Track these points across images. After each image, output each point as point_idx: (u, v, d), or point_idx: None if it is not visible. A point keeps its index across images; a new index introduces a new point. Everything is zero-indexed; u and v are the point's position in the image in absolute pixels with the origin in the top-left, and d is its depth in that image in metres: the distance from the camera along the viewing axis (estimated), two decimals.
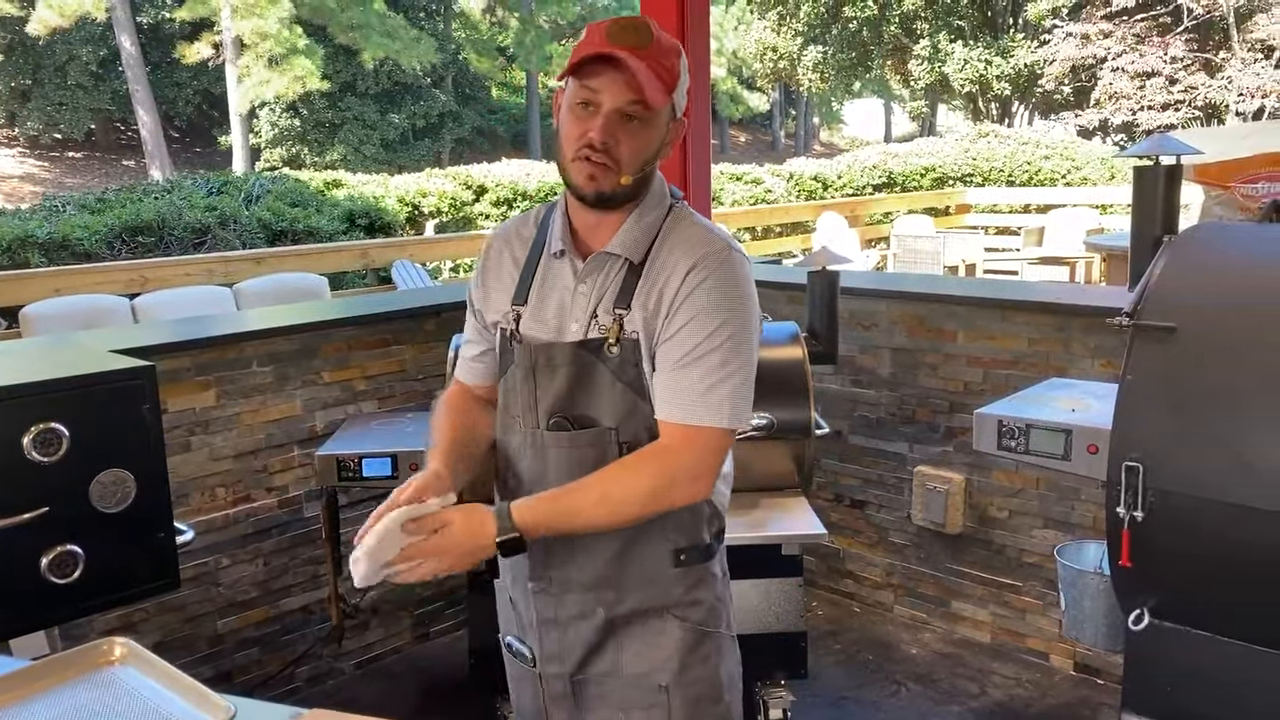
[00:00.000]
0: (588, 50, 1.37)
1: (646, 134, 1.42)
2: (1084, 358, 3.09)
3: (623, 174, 1.41)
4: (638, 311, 1.45)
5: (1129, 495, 1.91)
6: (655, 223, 1.48)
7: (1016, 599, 3.35)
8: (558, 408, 1.48)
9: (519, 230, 1.60)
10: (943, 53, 19.02)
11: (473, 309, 1.63)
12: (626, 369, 1.45)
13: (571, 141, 1.41)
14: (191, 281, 6.04)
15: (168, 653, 2.86)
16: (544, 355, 1.48)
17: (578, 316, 1.48)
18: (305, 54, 20.64)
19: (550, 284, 1.52)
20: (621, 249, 1.47)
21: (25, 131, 22.34)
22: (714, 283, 1.42)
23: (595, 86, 1.38)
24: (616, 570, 1.52)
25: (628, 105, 1.38)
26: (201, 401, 2.91)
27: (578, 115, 1.40)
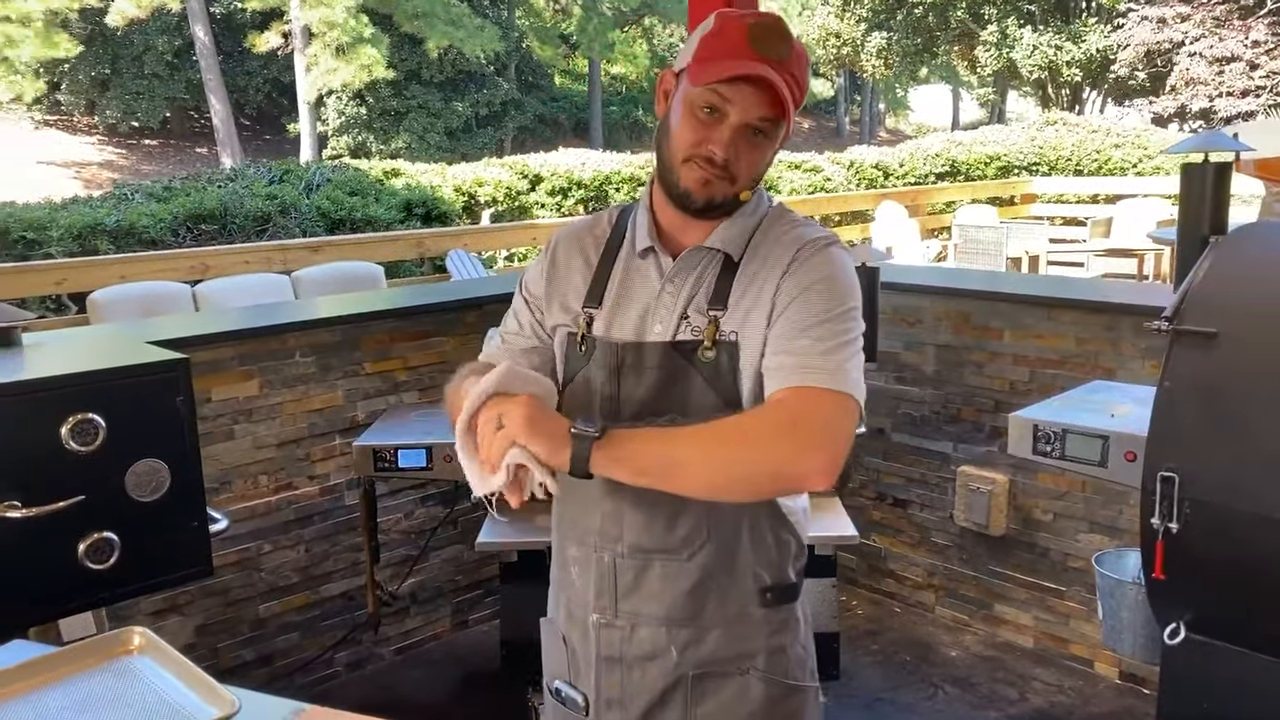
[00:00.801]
0: (730, 59, 1.25)
1: (768, 147, 1.32)
2: (1134, 359, 3.00)
3: (738, 187, 1.31)
4: (735, 311, 1.32)
5: (1164, 505, 1.85)
6: (754, 223, 1.38)
7: (1060, 604, 3.27)
8: (643, 412, 1.34)
9: (591, 229, 1.48)
10: (1011, 38, 18.57)
11: (529, 306, 1.49)
12: (722, 376, 1.32)
13: (686, 146, 1.30)
14: (251, 269, 6.16)
15: (211, 635, 2.97)
16: (632, 354, 1.35)
17: (663, 318, 1.36)
18: (371, 43, 20.92)
19: (632, 284, 1.40)
20: (721, 244, 1.35)
21: (104, 120, 23.04)
22: (821, 268, 1.30)
23: (728, 95, 1.26)
24: (696, 604, 1.37)
25: (759, 120, 1.27)
26: (245, 391, 2.97)
27: (700, 119, 1.28)
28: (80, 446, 1.94)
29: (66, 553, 1.94)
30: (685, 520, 1.36)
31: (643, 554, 1.39)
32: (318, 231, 7.43)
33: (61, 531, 1.93)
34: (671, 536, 1.37)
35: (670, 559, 1.37)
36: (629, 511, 1.38)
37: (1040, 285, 4.16)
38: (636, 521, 1.38)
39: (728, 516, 1.37)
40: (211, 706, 1.32)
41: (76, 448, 1.93)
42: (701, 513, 1.35)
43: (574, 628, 1.47)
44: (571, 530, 1.47)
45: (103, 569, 1.99)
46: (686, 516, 1.36)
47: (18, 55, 19.60)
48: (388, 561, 3.28)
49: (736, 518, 1.37)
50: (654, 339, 1.35)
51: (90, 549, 1.97)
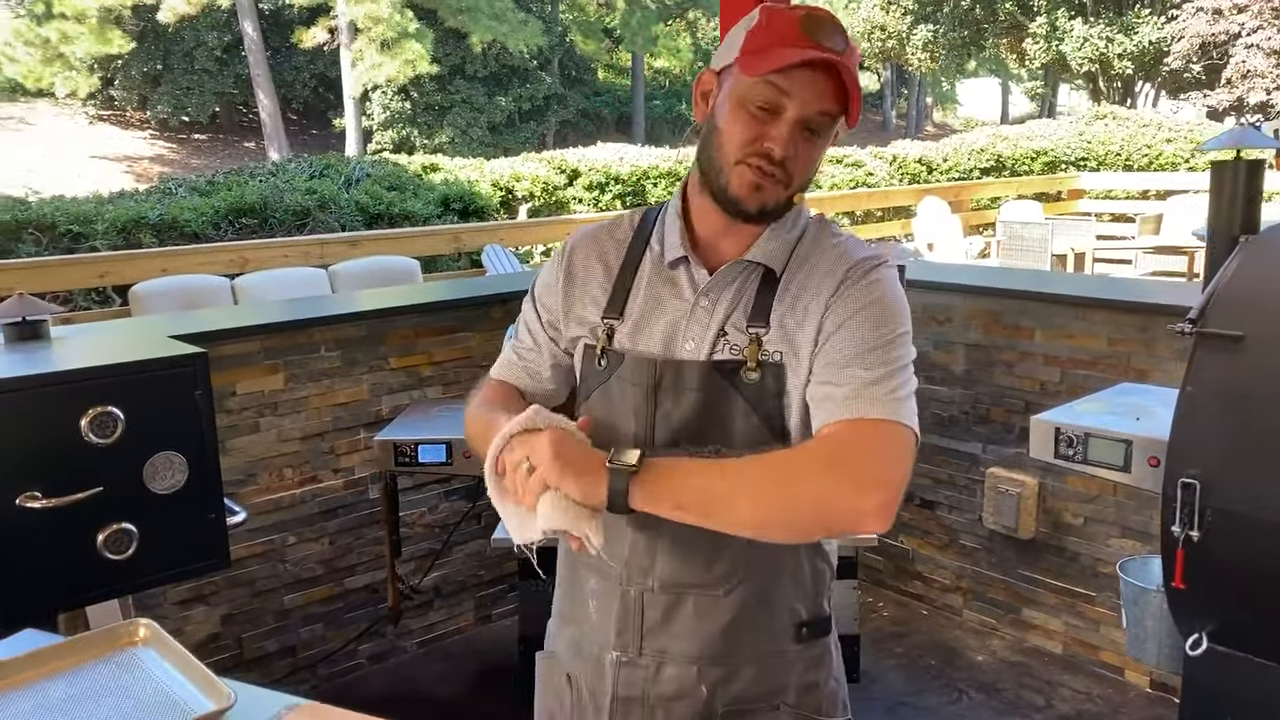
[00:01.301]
0: (786, 48, 1.16)
1: (821, 147, 1.23)
2: (1168, 360, 2.92)
3: (792, 189, 1.22)
4: (778, 330, 1.23)
5: (1185, 513, 1.80)
6: (795, 235, 1.29)
7: (1090, 609, 3.21)
8: (681, 437, 1.25)
9: (611, 234, 1.38)
10: (1060, 30, 18.24)
11: (541, 317, 1.41)
12: (765, 399, 1.23)
13: (740, 145, 1.20)
14: (289, 263, 6.24)
15: (235, 625, 3.01)
16: (671, 373, 1.25)
17: (694, 335, 1.26)
18: (416, 38, 21.09)
19: (660, 296, 1.30)
20: (763, 258, 1.26)
21: (156, 114, 23.47)
22: (871, 290, 1.22)
23: (786, 88, 1.17)
24: (730, 642, 1.29)
25: (818, 115, 1.18)
26: (270, 385, 3.00)
27: (754, 115, 1.19)
28: (99, 439, 1.97)
29: (85, 543, 1.98)
30: (726, 554, 1.27)
31: (676, 589, 1.29)
32: (356, 226, 7.50)
33: (81, 522, 1.97)
34: (710, 572, 1.28)
35: (705, 594, 1.28)
36: (662, 543, 1.28)
37: (1072, 284, 4.08)
38: (673, 555, 1.28)
39: (770, 548, 1.27)
40: (208, 699, 1.33)
41: (96, 440, 1.97)
42: (744, 545, 1.24)
43: (584, 665, 1.37)
44: (592, 560, 1.31)
45: (121, 559, 2.02)
46: (726, 550, 1.26)
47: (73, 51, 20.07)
48: (411, 555, 3.31)
49: (778, 550, 1.29)
50: (686, 357, 1.26)
51: (109, 539, 2.01)
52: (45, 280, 5.50)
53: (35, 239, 6.38)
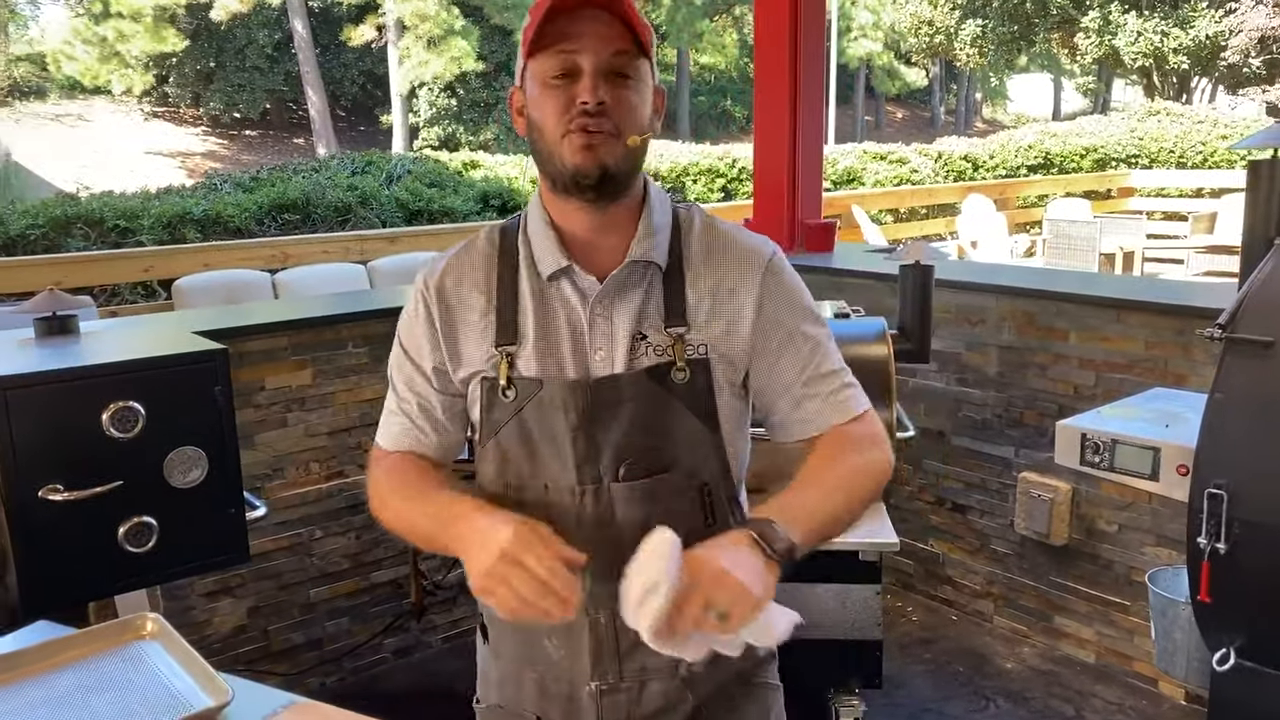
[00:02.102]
0: (546, 13, 1.15)
1: (640, 90, 1.20)
2: (1206, 365, 2.84)
3: (624, 136, 1.18)
4: (703, 329, 1.25)
5: (1211, 524, 1.74)
6: (668, 223, 1.28)
7: (1124, 618, 3.13)
8: (627, 452, 1.22)
9: (470, 259, 1.30)
10: (1114, 24, 17.86)
11: (420, 371, 1.30)
12: (698, 396, 1.24)
13: (555, 120, 1.17)
14: (329, 258, 6.30)
15: (262, 618, 3.04)
16: (606, 389, 1.22)
17: (601, 345, 1.23)
18: (462, 35, 21.27)
19: (551, 312, 1.25)
20: (650, 254, 1.24)
21: (208, 111, 23.93)
22: (792, 284, 1.31)
23: (570, 47, 1.16)
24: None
25: (614, 57, 1.16)
26: (298, 380, 3.03)
27: (556, 88, 1.17)
28: (120, 433, 2.00)
29: (107, 535, 2.01)
30: None
31: None
32: (396, 222, 7.57)
33: (102, 515, 2.00)
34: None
35: None
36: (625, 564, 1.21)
37: (1109, 285, 3.98)
38: None
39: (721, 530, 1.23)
40: (207, 695, 1.34)
41: (117, 434, 2.00)
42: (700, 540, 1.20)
43: (553, 705, 1.32)
44: None
45: (141, 552, 2.05)
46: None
47: (129, 49, 20.52)
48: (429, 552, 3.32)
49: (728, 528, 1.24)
50: (599, 368, 1.23)
51: (130, 532, 2.04)
52: (92, 274, 5.63)
53: (84, 234, 6.52)
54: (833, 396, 1.29)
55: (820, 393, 1.29)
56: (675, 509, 1.24)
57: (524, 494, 1.26)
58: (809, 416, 1.29)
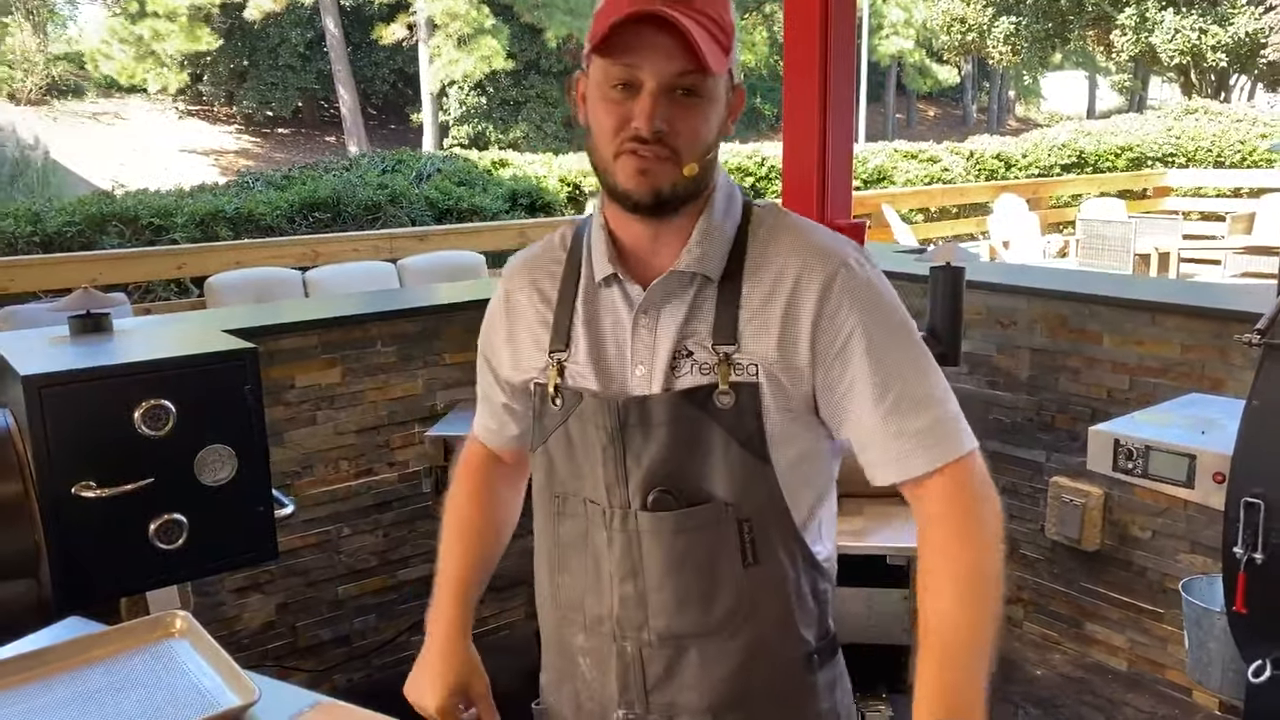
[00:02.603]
0: (615, 14, 1.05)
1: (705, 110, 1.10)
2: (1244, 369, 2.79)
3: (683, 164, 1.10)
4: (754, 346, 1.13)
5: (1248, 534, 1.71)
6: (733, 228, 1.18)
7: (1157, 626, 3.09)
8: (657, 479, 1.15)
9: (543, 261, 1.27)
10: (1150, 21, 17.61)
11: (492, 374, 1.33)
12: (745, 423, 1.13)
13: (609, 136, 1.10)
14: (359, 257, 6.35)
15: (290, 614, 3.06)
16: (637, 410, 1.14)
17: (642, 358, 1.16)
18: (492, 33, 21.32)
19: (599, 320, 1.19)
20: (697, 265, 1.14)
21: (242, 110, 24.16)
22: (869, 292, 1.14)
23: (633, 60, 1.07)
24: (742, 686, 1.20)
25: (678, 77, 1.07)
26: (328, 378, 3.05)
27: (614, 101, 1.09)
28: (151, 431, 2.02)
29: (138, 532, 2.03)
30: (724, 596, 1.18)
31: (675, 640, 1.19)
32: (426, 220, 7.61)
33: (133, 512, 2.02)
34: (709, 617, 1.18)
35: (709, 641, 1.19)
36: (654, 595, 1.18)
37: (1143, 287, 3.92)
38: (665, 605, 1.18)
39: (769, 581, 1.19)
40: (234, 694, 1.35)
41: (148, 432, 2.02)
42: (742, 583, 1.18)
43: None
44: (576, 615, 1.26)
45: (171, 549, 2.07)
46: (725, 591, 1.18)
47: (164, 48, 20.76)
48: None
49: (779, 580, 1.20)
50: (637, 384, 1.16)
51: (160, 529, 2.06)
52: (126, 271, 5.71)
53: (119, 231, 6.60)
54: (922, 436, 1.12)
55: (906, 430, 1.12)
56: (708, 545, 1.16)
57: (567, 506, 1.23)
58: (889, 459, 1.13)
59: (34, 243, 6.30)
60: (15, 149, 15.03)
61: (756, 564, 1.17)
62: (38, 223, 6.39)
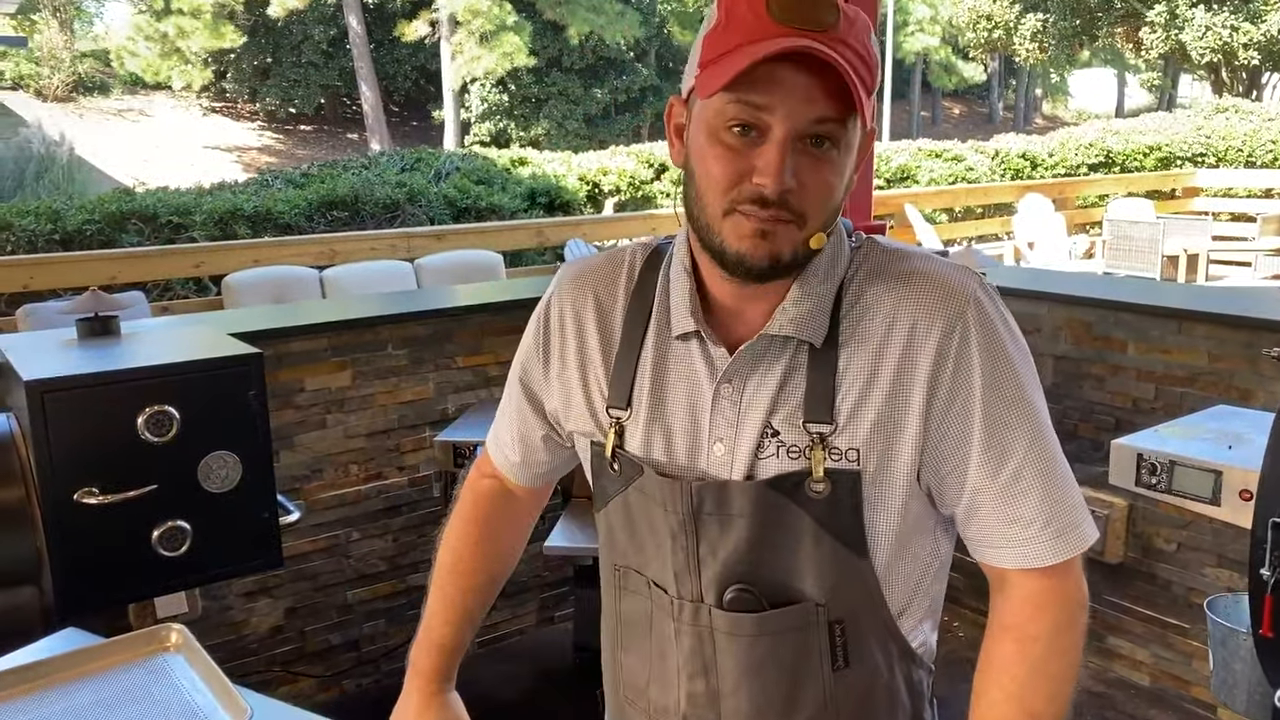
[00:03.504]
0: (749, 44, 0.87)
1: (841, 165, 0.92)
2: (1274, 380, 2.71)
3: (809, 229, 0.92)
4: (854, 426, 0.96)
5: (1275, 555, 1.64)
6: (836, 278, 0.99)
7: (1182, 641, 3.01)
8: (736, 575, 1.00)
9: (608, 283, 1.08)
10: (1181, 18, 17.36)
11: (526, 393, 1.16)
12: (841, 515, 0.97)
13: (720, 190, 0.91)
14: (376, 255, 6.35)
15: (299, 619, 3.04)
16: (713, 497, 0.99)
17: (723, 434, 0.99)
18: (514, 30, 21.35)
19: (672, 380, 1.03)
20: (793, 328, 0.96)
21: (265, 106, 24.30)
22: (989, 341, 0.97)
23: (762, 100, 0.88)
24: None
25: (815, 124, 0.89)
26: (338, 382, 3.02)
27: (729, 146, 0.90)
28: (155, 437, 2.00)
29: (140, 539, 2.01)
30: (808, 702, 1.03)
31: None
32: (444, 219, 7.60)
33: (136, 519, 2.00)
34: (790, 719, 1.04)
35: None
36: (728, 698, 1.04)
37: (1170, 294, 3.83)
38: (739, 709, 1.04)
39: (860, 683, 1.04)
40: (226, 712, 1.32)
41: (152, 438, 2.00)
42: (829, 688, 1.03)
43: None
44: (640, 701, 1.12)
45: (175, 555, 2.05)
46: (809, 697, 1.03)
47: (188, 46, 20.93)
48: None
49: (871, 681, 1.04)
50: (716, 464, 1.00)
51: (163, 536, 2.04)
52: (145, 270, 5.72)
53: (139, 229, 6.63)
54: (1023, 531, 0.99)
55: (1012, 519, 0.99)
56: (793, 648, 1.01)
57: (629, 582, 1.09)
58: (986, 542, 1.01)
59: (54, 240, 6.34)
60: (41, 145, 15.17)
61: (847, 666, 1.03)
62: (58, 220, 6.42)
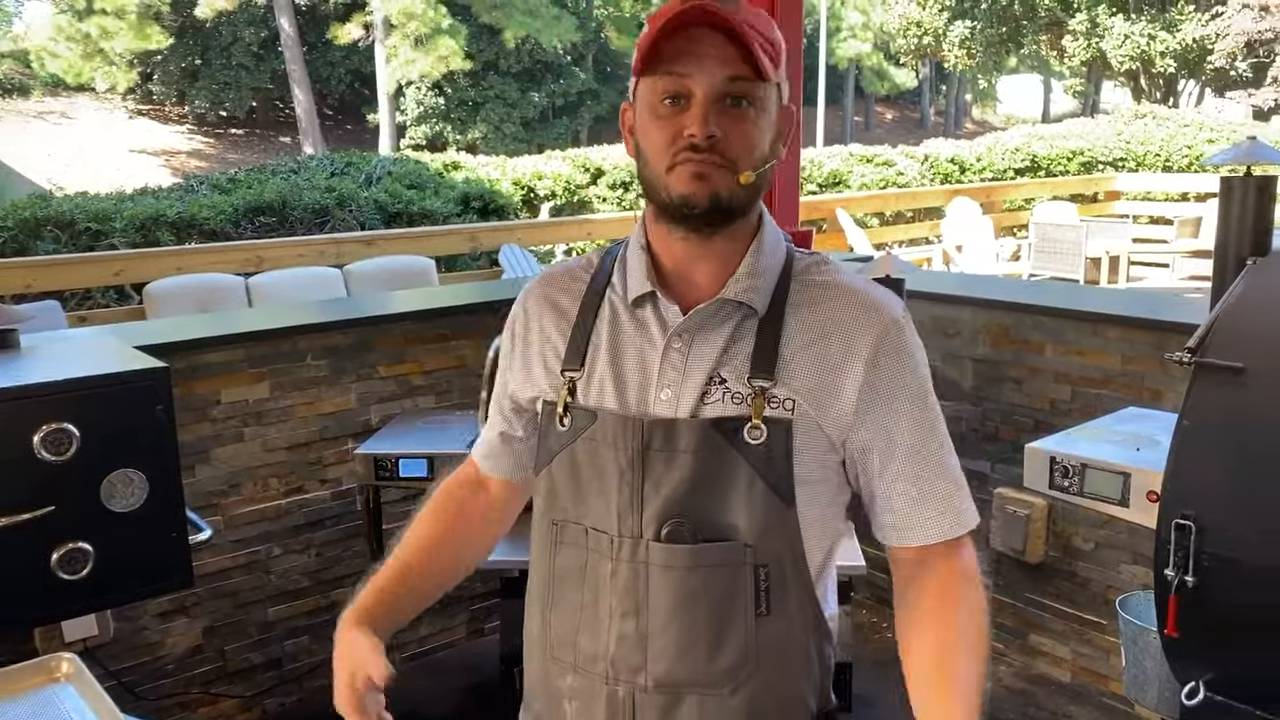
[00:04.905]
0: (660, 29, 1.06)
1: (758, 119, 1.09)
2: (1182, 381, 2.74)
3: (739, 171, 1.08)
4: (793, 384, 1.09)
5: (1179, 556, 1.68)
6: (778, 267, 1.15)
7: (1100, 637, 3.08)
8: (675, 509, 1.09)
9: (564, 281, 1.24)
10: (1101, 27, 17.86)
11: (507, 389, 1.27)
12: (775, 462, 1.08)
13: (661, 151, 1.08)
14: (304, 262, 6.22)
15: (218, 638, 2.96)
16: (661, 433, 1.09)
17: (670, 381, 1.11)
18: (449, 34, 21.15)
19: (624, 340, 1.15)
20: (745, 295, 1.11)
21: (194, 109, 23.76)
22: (910, 358, 1.15)
23: (683, 70, 1.06)
24: None
25: (730, 83, 1.06)
26: (255, 394, 2.95)
27: (665, 115, 1.08)
28: (52, 456, 1.92)
29: (37, 563, 1.93)
30: (731, 645, 1.11)
31: (673, 688, 1.12)
32: (375, 224, 7.48)
33: (32, 542, 1.92)
34: (713, 666, 1.11)
35: (709, 694, 1.11)
36: (656, 637, 1.11)
37: (1085, 298, 3.93)
38: (667, 649, 1.11)
39: (778, 636, 1.13)
40: None
41: (49, 457, 1.92)
42: (751, 634, 1.11)
43: None
44: (566, 654, 1.18)
45: (76, 579, 1.97)
46: (733, 641, 1.11)
47: (112, 47, 20.33)
48: None
49: (788, 636, 1.13)
50: (663, 409, 1.11)
51: (63, 559, 1.96)
52: (61, 278, 5.54)
53: (55, 236, 6.42)
54: (938, 505, 1.14)
55: (925, 495, 1.14)
56: (721, 586, 1.10)
57: (566, 534, 1.17)
58: (904, 523, 1.15)
59: None
60: None
61: (768, 615, 1.11)
62: None
